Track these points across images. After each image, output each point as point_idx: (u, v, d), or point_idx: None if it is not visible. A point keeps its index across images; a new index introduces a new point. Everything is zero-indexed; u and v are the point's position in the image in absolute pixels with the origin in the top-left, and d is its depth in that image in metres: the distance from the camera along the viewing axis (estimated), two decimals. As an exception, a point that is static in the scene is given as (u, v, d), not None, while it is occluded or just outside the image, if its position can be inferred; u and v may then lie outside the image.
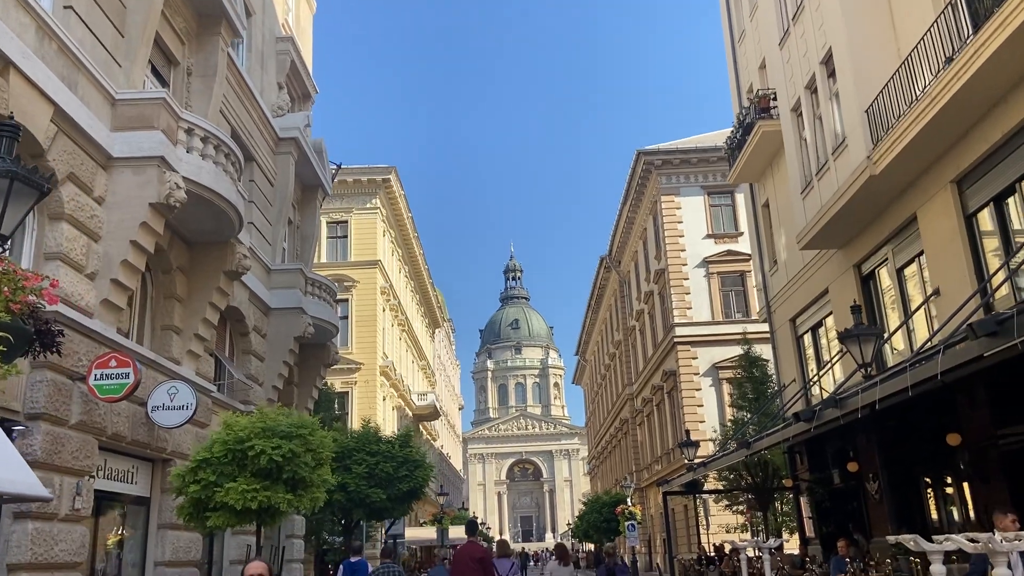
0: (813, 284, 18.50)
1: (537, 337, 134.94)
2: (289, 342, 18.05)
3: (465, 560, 10.38)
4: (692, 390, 33.85)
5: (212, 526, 9.30)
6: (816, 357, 19.27)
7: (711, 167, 36.12)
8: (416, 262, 46.78)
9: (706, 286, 35.12)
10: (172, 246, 13.22)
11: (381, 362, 35.68)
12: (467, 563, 10.30)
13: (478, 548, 10.81)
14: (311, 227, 21.98)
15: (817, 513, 18.78)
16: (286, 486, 9.47)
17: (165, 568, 12.66)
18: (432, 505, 43.01)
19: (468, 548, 10.74)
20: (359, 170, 36.71)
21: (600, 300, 56.98)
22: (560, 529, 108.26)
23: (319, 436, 9.89)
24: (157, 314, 13.27)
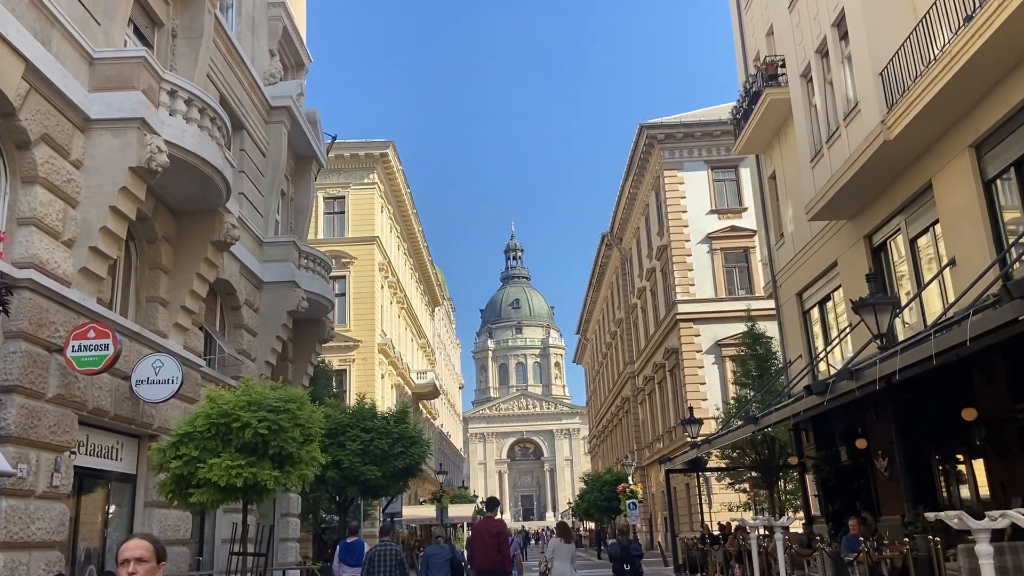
0: (821, 257, 17.99)
1: (538, 317, 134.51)
2: (282, 316, 17.57)
3: (482, 535, 10.65)
4: (694, 368, 33.42)
5: (195, 503, 8.87)
6: (823, 332, 18.79)
7: (715, 141, 35.47)
8: (415, 239, 46.22)
9: (709, 262, 34.59)
10: (157, 214, 12.71)
11: (379, 340, 35.25)
12: (484, 538, 10.59)
13: (495, 523, 11.02)
14: (305, 199, 21.44)
15: (823, 491, 18.39)
16: (273, 462, 9.03)
17: (152, 547, 12.27)
18: (432, 484, 42.78)
19: (486, 523, 11.00)
20: (356, 144, 36.07)
21: (601, 278, 56.47)
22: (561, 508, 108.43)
23: (308, 410, 9.44)
24: (142, 285, 12.78)
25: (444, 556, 11.43)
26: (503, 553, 10.52)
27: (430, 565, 11.22)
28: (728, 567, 15.53)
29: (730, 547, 15.79)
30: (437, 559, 11.34)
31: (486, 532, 10.73)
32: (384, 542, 10.77)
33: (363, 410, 14.02)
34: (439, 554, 11.51)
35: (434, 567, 11.22)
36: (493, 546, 10.49)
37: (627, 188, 41.90)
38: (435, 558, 11.38)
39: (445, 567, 11.23)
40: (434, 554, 11.53)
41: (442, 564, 11.25)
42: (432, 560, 11.32)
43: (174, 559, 12.73)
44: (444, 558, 11.39)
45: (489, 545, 10.48)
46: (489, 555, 10.42)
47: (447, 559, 11.35)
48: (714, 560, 17.06)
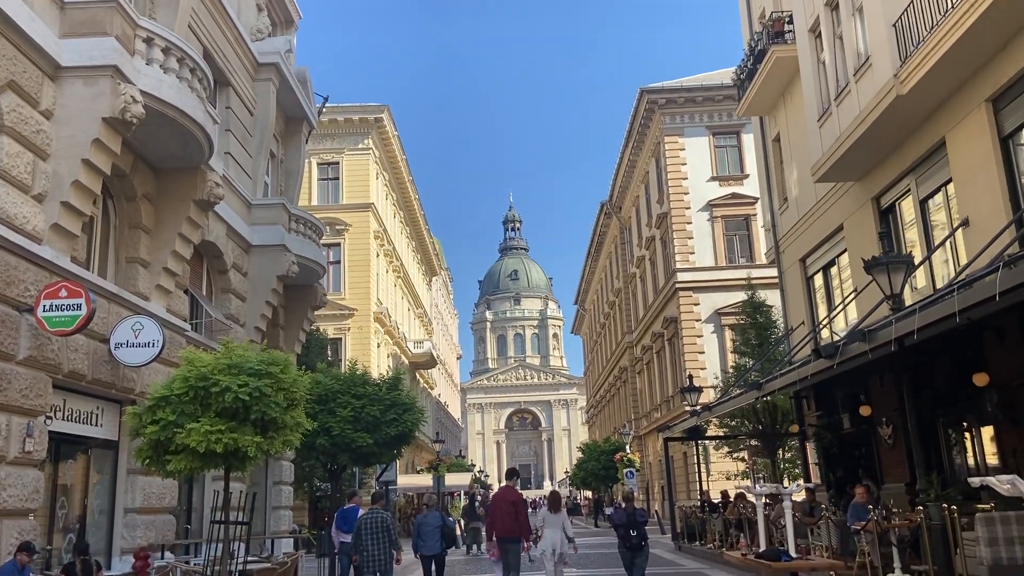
0: (826, 221, 17.47)
1: (536, 288, 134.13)
2: (272, 281, 17.08)
3: (501, 503, 11.00)
4: (693, 337, 33.06)
5: (173, 470, 8.44)
6: (827, 298, 18.33)
7: (717, 106, 34.75)
8: (411, 207, 45.59)
9: (709, 230, 34.07)
10: (136, 171, 12.16)
11: (375, 308, 34.81)
12: (502, 506, 10.92)
13: (513, 492, 11.36)
14: (296, 162, 20.84)
15: (824, 459, 18.06)
16: (255, 428, 8.58)
17: (136, 515, 11.91)
18: (429, 452, 42.65)
19: (504, 492, 11.38)
20: (350, 108, 35.33)
21: (600, 248, 55.95)
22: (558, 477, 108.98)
23: (292, 374, 8.98)
24: (121, 245, 12.28)
25: (435, 523, 11.44)
26: (520, 520, 10.75)
27: (421, 532, 11.31)
28: (728, 535, 15.24)
29: (730, 515, 15.49)
30: (428, 526, 11.37)
31: (504, 501, 10.98)
32: (374, 509, 10.63)
33: (354, 376, 13.59)
34: (430, 521, 11.49)
35: (425, 534, 11.29)
36: (511, 514, 10.72)
37: (627, 155, 41.22)
38: (426, 525, 11.40)
39: (436, 534, 11.30)
40: (425, 522, 11.49)
41: (433, 531, 11.32)
42: (423, 527, 11.35)
43: (159, 527, 12.40)
44: (435, 525, 11.41)
45: (507, 513, 10.72)
46: (507, 523, 10.67)
47: (437, 526, 11.38)
48: (713, 528, 16.78)
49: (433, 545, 11.23)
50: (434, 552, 11.25)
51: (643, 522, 10.74)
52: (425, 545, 11.22)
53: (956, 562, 7.84)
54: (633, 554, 10.41)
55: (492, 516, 11.12)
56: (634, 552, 10.39)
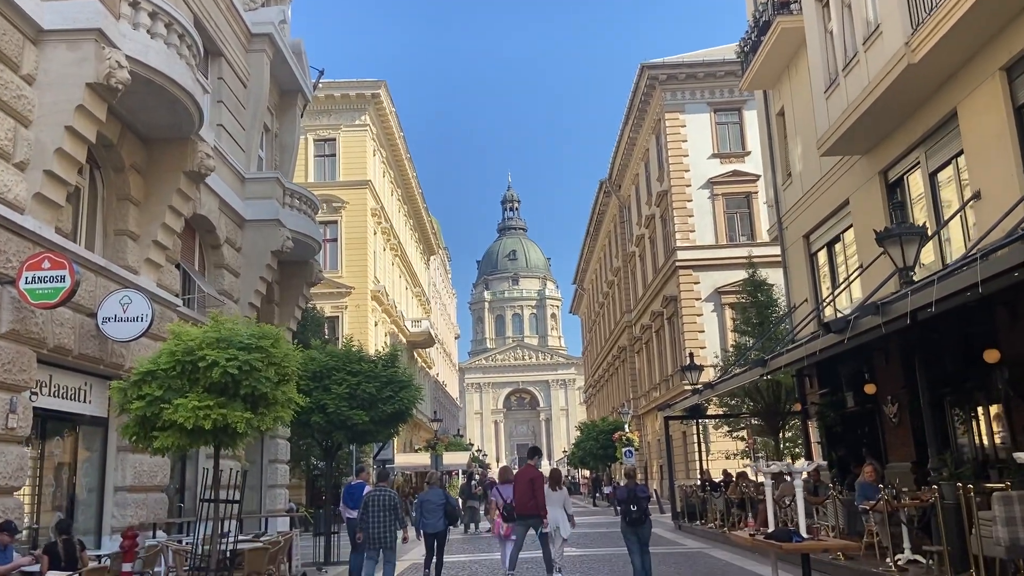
0: (831, 196, 17.14)
1: (534, 268, 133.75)
2: (266, 256, 16.74)
3: (521, 481, 11.46)
4: (693, 316, 32.79)
5: (160, 447, 8.15)
6: (831, 275, 18.03)
7: (718, 82, 34.25)
8: (409, 185, 45.12)
9: (710, 208, 33.69)
10: (124, 141, 11.79)
11: (372, 286, 34.49)
12: (522, 484, 11.39)
13: (532, 470, 11.76)
14: (291, 136, 20.43)
15: (827, 438, 17.86)
16: (245, 403, 8.29)
17: (127, 493, 11.66)
18: (427, 431, 42.55)
19: (526, 470, 11.79)
20: (347, 84, 34.80)
21: (599, 227, 55.55)
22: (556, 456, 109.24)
23: (284, 348, 8.69)
24: (109, 217, 11.93)
25: (438, 501, 11.35)
26: (537, 498, 11.09)
27: (424, 510, 11.24)
28: (729, 515, 15.04)
29: (732, 494, 15.27)
30: (431, 504, 11.29)
31: (523, 479, 11.46)
32: (380, 487, 10.79)
33: (350, 352, 13.29)
34: (433, 499, 11.39)
35: (428, 511, 11.23)
36: (529, 492, 11.13)
37: (627, 132, 40.73)
38: (429, 503, 11.32)
39: (439, 511, 11.23)
40: (428, 499, 11.41)
41: (436, 508, 11.24)
42: (426, 505, 11.30)
43: (151, 506, 12.16)
44: (438, 503, 11.32)
45: (526, 491, 11.14)
46: (525, 500, 11.11)
47: (440, 504, 11.30)
48: (714, 508, 16.58)
49: (436, 523, 11.20)
50: (437, 529, 11.24)
51: (645, 497, 10.65)
52: (428, 523, 11.21)
53: (971, 542, 7.61)
54: (635, 529, 10.35)
55: (514, 494, 11.45)
56: (636, 527, 10.33)
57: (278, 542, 9.94)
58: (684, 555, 13.32)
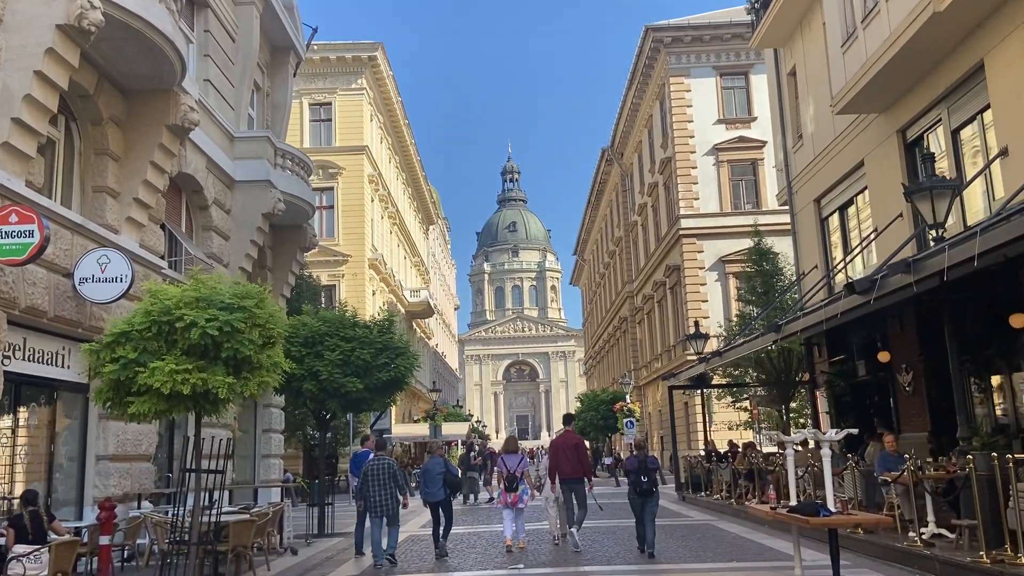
0: (845, 157, 16.47)
1: (534, 240, 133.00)
2: (256, 219, 16.11)
3: (563, 447, 11.64)
4: (697, 285, 32.19)
5: (136, 413, 7.60)
6: (843, 241, 17.42)
7: (725, 45, 33.33)
8: (407, 152, 44.28)
9: (715, 175, 32.94)
10: (101, 91, 11.11)
11: (370, 254, 33.86)
12: (565, 450, 11.58)
13: (573, 436, 12.15)
14: (283, 95, 19.70)
15: (835, 408, 17.37)
16: (227, 367, 7.72)
17: (109, 462, 11.17)
18: (426, 402, 42.19)
19: (566, 437, 12.07)
20: (343, 46, 33.87)
21: (600, 196, 54.76)
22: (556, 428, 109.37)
23: (268, 309, 8.10)
24: (87, 173, 11.29)
25: (438, 470, 11.40)
26: (583, 462, 11.51)
27: (425, 479, 11.31)
28: (736, 486, 14.59)
29: (739, 465, 14.80)
30: (432, 473, 11.34)
31: (566, 445, 11.67)
32: (380, 456, 10.97)
33: (343, 318, 12.73)
34: (434, 468, 11.44)
35: (429, 480, 11.29)
36: (574, 457, 11.44)
37: (630, 98, 39.83)
38: (430, 472, 11.38)
39: (439, 480, 11.27)
40: (429, 468, 11.48)
41: (436, 478, 11.27)
42: (428, 474, 11.37)
43: (136, 476, 11.68)
44: (438, 472, 11.37)
45: (571, 456, 11.40)
46: (571, 464, 11.35)
47: (441, 472, 11.34)
48: (720, 479, 16.13)
49: (436, 491, 11.18)
50: (438, 498, 11.23)
51: (654, 469, 10.62)
52: (429, 492, 11.22)
53: (1007, 516, 7.09)
54: (644, 500, 10.35)
55: (554, 459, 11.61)
56: (645, 498, 10.33)
57: (266, 514, 9.45)
58: (690, 527, 12.88)
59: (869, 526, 7.50)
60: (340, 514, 19.61)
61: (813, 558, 8.33)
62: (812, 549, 8.93)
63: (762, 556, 9.48)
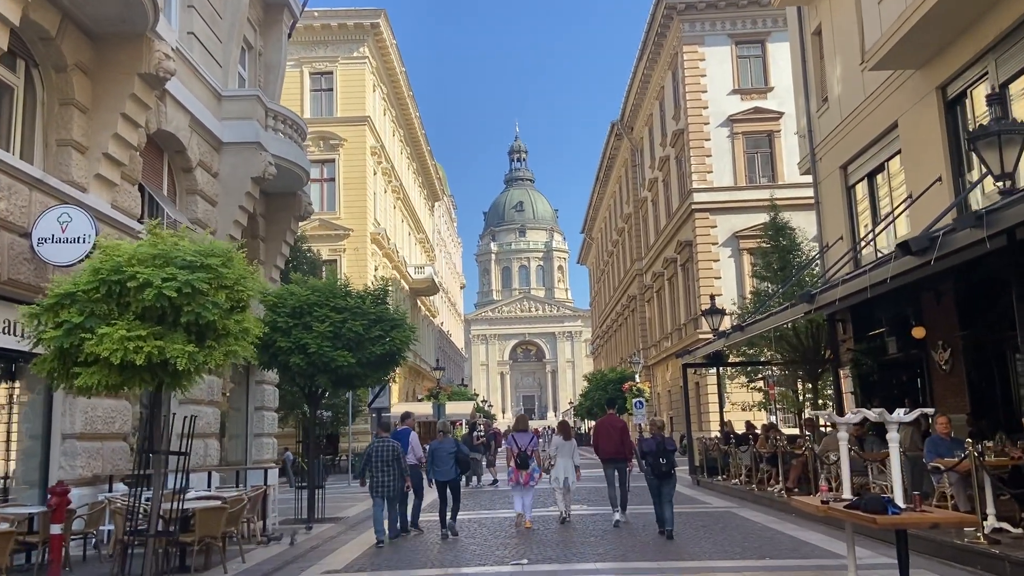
0: (876, 119, 15.31)
1: (541, 219, 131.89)
2: (246, 183, 15.10)
3: (608, 429, 12.37)
4: (709, 261, 31.11)
5: (83, 386, 6.64)
6: (871, 210, 16.30)
7: (741, 12, 32.00)
8: (412, 125, 43.10)
9: (729, 147, 31.72)
10: (65, 34, 10.08)
11: (372, 228, 32.84)
12: (609, 431, 12.30)
13: (618, 420, 12.79)
14: (277, 55, 18.61)
15: (861, 388, 16.35)
16: (187, 334, 6.74)
17: (77, 441, 10.24)
18: (430, 380, 41.34)
19: (610, 419, 12.72)
20: (344, 12, 32.67)
21: (609, 172, 53.51)
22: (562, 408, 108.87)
23: (238, 269, 7.09)
24: (51, 124, 10.29)
25: (449, 449, 11.26)
26: (625, 443, 12.18)
27: (435, 459, 11.12)
28: (757, 470, 13.60)
29: (761, 448, 13.82)
30: (441, 452, 11.16)
31: (611, 427, 12.36)
32: (383, 438, 10.84)
33: (334, 287, 11.75)
34: (444, 447, 11.26)
35: (439, 460, 11.12)
36: (618, 438, 12.12)
37: (641, 69, 38.52)
38: (440, 451, 11.19)
39: (450, 460, 11.12)
40: (440, 447, 11.25)
41: (447, 457, 11.12)
42: (437, 453, 11.17)
43: (108, 456, 10.76)
44: (449, 451, 11.23)
45: (615, 438, 12.10)
46: (615, 445, 12.06)
47: (451, 452, 11.20)
48: (738, 462, 15.16)
49: (447, 471, 11.09)
50: (448, 478, 11.12)
51: (672, 451, 10.42)
52: (439, 471, 11.07)
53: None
54: (661, 482, 10.21)
55: (597, 438, 12.45)
56: (662, 480, 10.19)
57: (241, 499, 8.53)
58: (710, 516, 11.92)
59: (967, 524, 6.41)
60: (338, 496, 18.77)
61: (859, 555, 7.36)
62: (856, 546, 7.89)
63: (798, 552, 8.47)
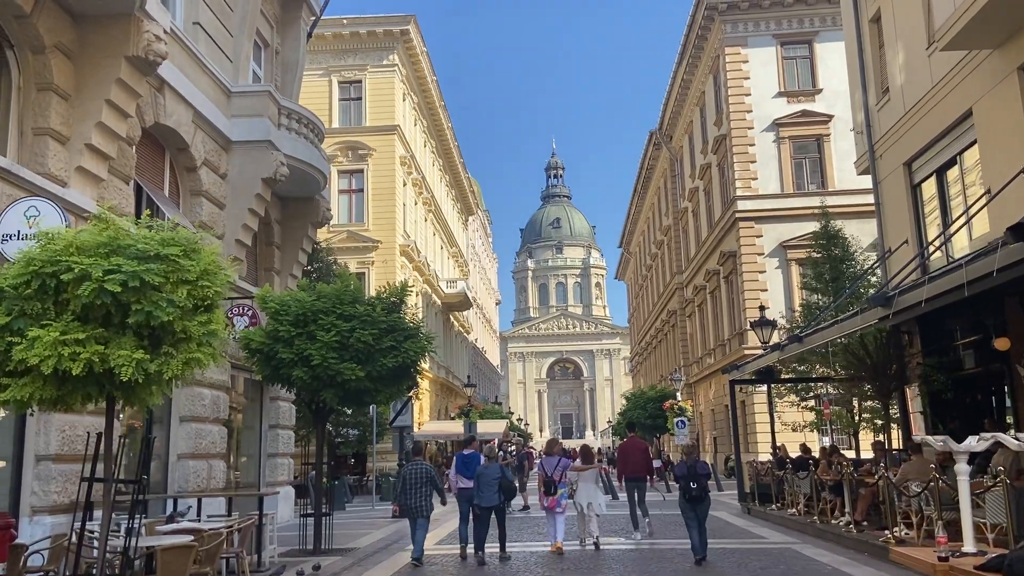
0: (946, 107, 13.77)
1: (579, 236, 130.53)
2: (256, 185, 14.11)
3: (632, 451, 13.46)
4: (755, 272, 29.44)
5: (10, 400, 5.49)
6: (941, 209, 14.70)
7: (786, 11, 30.49)
8: (444, 136, 42.16)
9: (775, 153, 30.10)
10: (42, 12, 9.13)
11: (402, 241, 31.83)
12: (634, 453, 13.36)
13: (640, 442, 14.07)
14: (295, 53, 17.69)
15: (931, 407, 14.68)
16: (138, 338, 5.58)
17: (52, 464, 9.19)
18: (462, 397, 40.09)
19: (634, 442, 13.91)
20: (372, 20, 31.89)
21: (648, 183, 52.01)
22: (600, 427, 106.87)
23: (204, 261, 5.92)
24: (27, 111, 9.32)
25: (494, 475, 10.95)
26: (648, 464, 13.51)
27: (480, 483, 10.85)
28: (818, 499, 12.03)
29: (824, 474, 12.26)
30: (487, 478, 10.88)
31: (635, 448, 13.50)
32: (416, 461, 11.03)
33: (342, 291, 10.60)
34: (489, 473, 10.96)
35: (484, 485, 10.83)
36: (642, 460, 13.28)
37: (680, 74, 37.13)
38: (485, 476, 10.91)
39: (494, 485, 10.83)
40: (485, 473, 10.97)
41: (491, 483, 10.83)
42: (483, 479, 10.89)
43: (89, 480, 9.67)
44: (494, 477, 10.92)
45: (636, 459, 13.19)
46: (636, 465, 13.08)
47: (496, 478, 10.91)
48: (795, 490, 13.58)
49: (491, 496, 10.81)
50: (492, 503, 10.85)
51: (705, 475, 10.15)
52: (484, 496, 10.81)
53: None
54: (694, 506, 9.96)
55: (623, 460, 13.51)
56: (695, 504, 9.96)
57: (218, 533, 7.32)
58: (768, 554, 10.40)
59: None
60: (359, 520, 17.50)
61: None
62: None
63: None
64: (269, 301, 10.83)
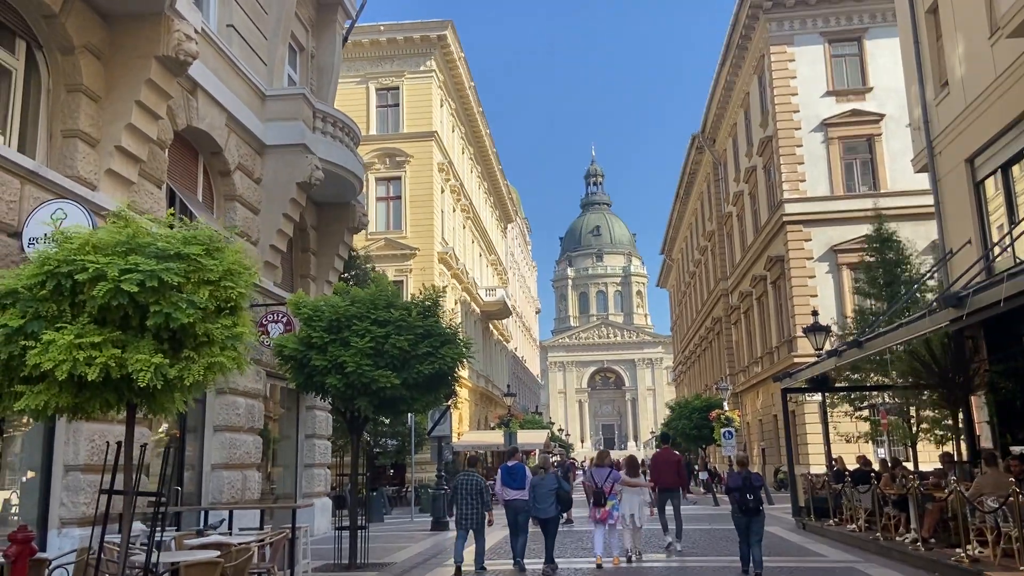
0: (1012, 99, 12.96)
1: (619, 244, 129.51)
2: (290, 189, 13.87)
3: (665, 462, 13.71)
4: (804, 277, 28.48)
5: (24, 409, 5.18)
6: (1008, 207, 13.85)
7: (834, 7, 29.58)
8: (482, 142, 41.90)
9: (824, 154, 29.15)
10: (71, 12, 8.96)
11: (440, 248, 31.56)
12: (665, 465, 13.63)
13: (673, 454, 14.18)
14: (330, 57, 17.50)
15: (998, 416, 13.82)
16: (157, 341, 5.23)
17: (81, 474, 8.94)
18: (502, 407, 39.63)
19: (666, 454, 14.06)
20: (410, 26, 31.80)
21: (690, 188, 51.11)
22: (643, 438, 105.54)
23: (228, 260, 5.56)
24: (56, 114, 9.14)
25: (550, 486, 10.81)
26: (680, 475, 13.77)
27: (536, 495, 10.72)
28: (881, 514, 11.30)
29: (887, 488, 11.51)
30: (544, 489, 10.74)
31: (667, 460, 13.76)
32: (467, 471, 11.00)
33: (376, 296, 10.25)
34: (545, 484, 10.81)
35: (540, 496, 10.70)
36: (674, 471, 13.54)
37: (724, 75, 36.33)
38: (541, 487, 10.78)
39: (551, 496, 10.69)
40: (541, 484, 10.83)
41: (548, 494, 10.68)
42: (539, 490, 10.74)
43: (119, 490, 9.41)
44: (550, 488, 10.78)
45: (669, 470, 13.48)
46: (668, 476, 13.38)
47: (553, 489, 10.75)
48: (854, 504, 12.84)
49: (548, 508, 10.71)
50: (549, 515, 10.76)
51: (759, 486, 9.78)
52: (540, 507, 10.69)
53: None
54: (748, 519, 9.61)
55: (656, 472, 13.68)
56: (750, 517, 9.59)
57: (247, 548, 6.97)
58: (831, 572, 9.73)
59: None
60: (397, 532, 17.15)
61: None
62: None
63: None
64: (302, 307, 10.54)
